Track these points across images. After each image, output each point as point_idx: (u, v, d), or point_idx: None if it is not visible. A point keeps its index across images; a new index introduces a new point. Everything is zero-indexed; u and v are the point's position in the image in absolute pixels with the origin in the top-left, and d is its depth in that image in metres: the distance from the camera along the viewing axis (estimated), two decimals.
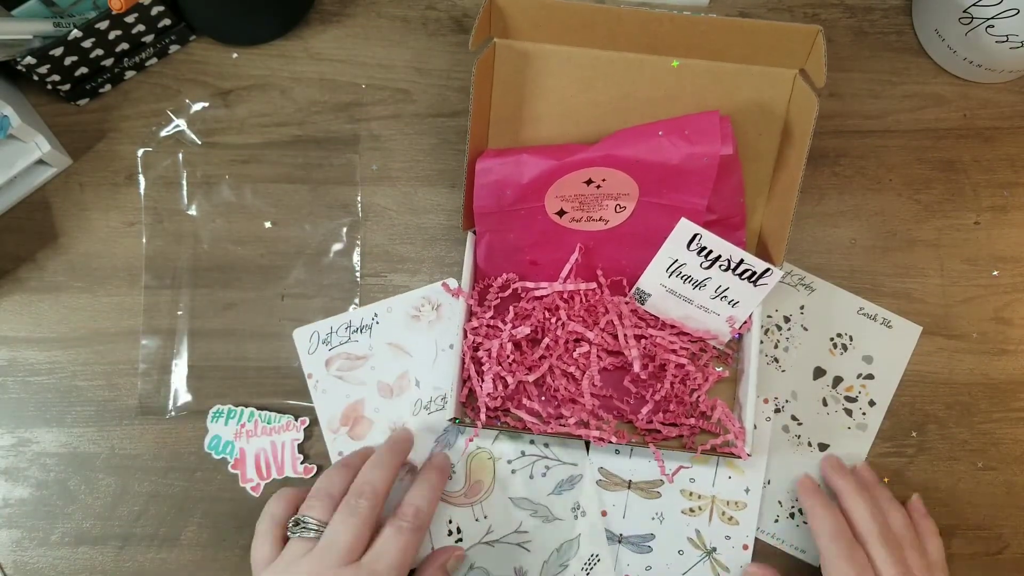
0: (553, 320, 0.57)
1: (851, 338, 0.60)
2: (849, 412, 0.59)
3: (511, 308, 0.57)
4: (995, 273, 0.61)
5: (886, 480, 0.57)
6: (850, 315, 0.60)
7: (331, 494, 0.49)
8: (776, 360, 0.59)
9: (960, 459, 0.58)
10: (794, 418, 0.58)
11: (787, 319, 0.60)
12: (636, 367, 0.55)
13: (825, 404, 0.59)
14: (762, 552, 0.57)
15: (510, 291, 0.58)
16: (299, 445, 0.57)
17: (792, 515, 0.57)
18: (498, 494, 0.56)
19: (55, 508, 0.56)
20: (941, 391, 0.59)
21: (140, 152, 0.60)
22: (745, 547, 0.56)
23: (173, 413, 0.57)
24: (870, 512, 0.52)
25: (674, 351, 0.57)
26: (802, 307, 0.60)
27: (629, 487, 0.57)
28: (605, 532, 0.56)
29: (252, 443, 0.57)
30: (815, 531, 0.53)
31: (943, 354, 0.60)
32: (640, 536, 0.56)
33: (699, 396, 0.56)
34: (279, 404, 0.58)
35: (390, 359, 0.58)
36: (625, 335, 0.56)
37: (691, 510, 0.57)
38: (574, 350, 0.57)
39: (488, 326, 0.56)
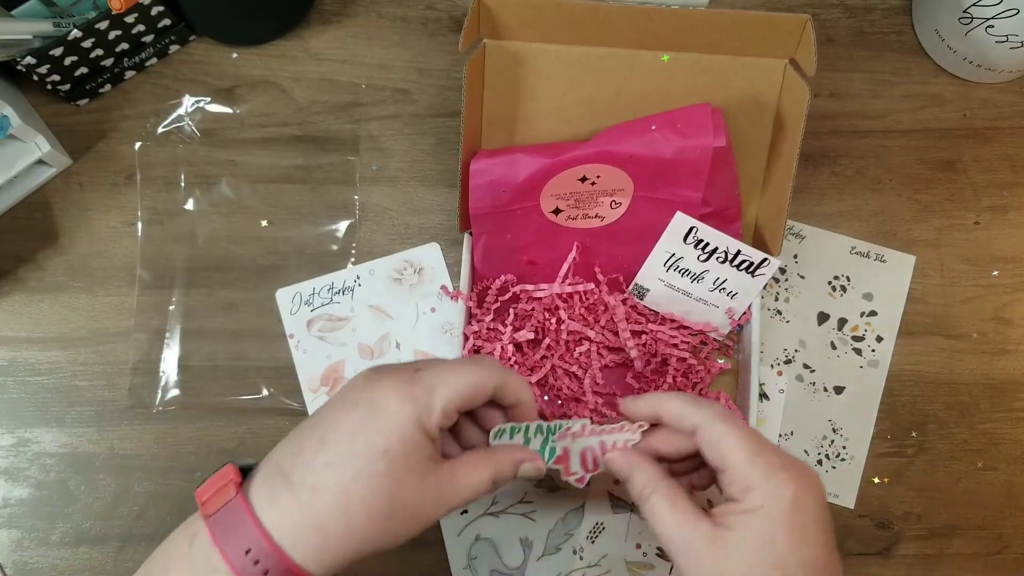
0: (553, 320, 0.57)
1: (848, 279, 0.60)
2: (859, 351, 0.59)
3: (511, 310, 0.57)
4: (995, 273, 0.61)
5: (886, 480, 0.57)
6: (843, 256, 0.61)
7: None
8: (779, 312, 0.59)
9: (960, 459, 0.58)
10: (806, 366, 0.59)
11: (783, 270, 0.60)
12: (637, 366, 0.55)
13: (834, 347, 0.59)
14: None
15: (509, 295, 0.57)
16: None
17: (820, 462, 0.57)
18: None
19: (55, 508, 0.56)
20: (941, 391, 0.59)
21: (137, 146, 0.60)
22: None
23: (160, 408, 0.57)
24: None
25: (675, 345, 0.57)
26: (796, 256, 0.60)
27: None
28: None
29: None
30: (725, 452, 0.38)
31: (943, 354, 0.60)
32: None
33: (702, 389, 0.57)
34: (278, 404, 0.58)
35: (371, 321, 0.59)
36: (625, 334, 0.56)
37: None
38: (575, 349, 0.57)
39: (488, 329, 0.56)
